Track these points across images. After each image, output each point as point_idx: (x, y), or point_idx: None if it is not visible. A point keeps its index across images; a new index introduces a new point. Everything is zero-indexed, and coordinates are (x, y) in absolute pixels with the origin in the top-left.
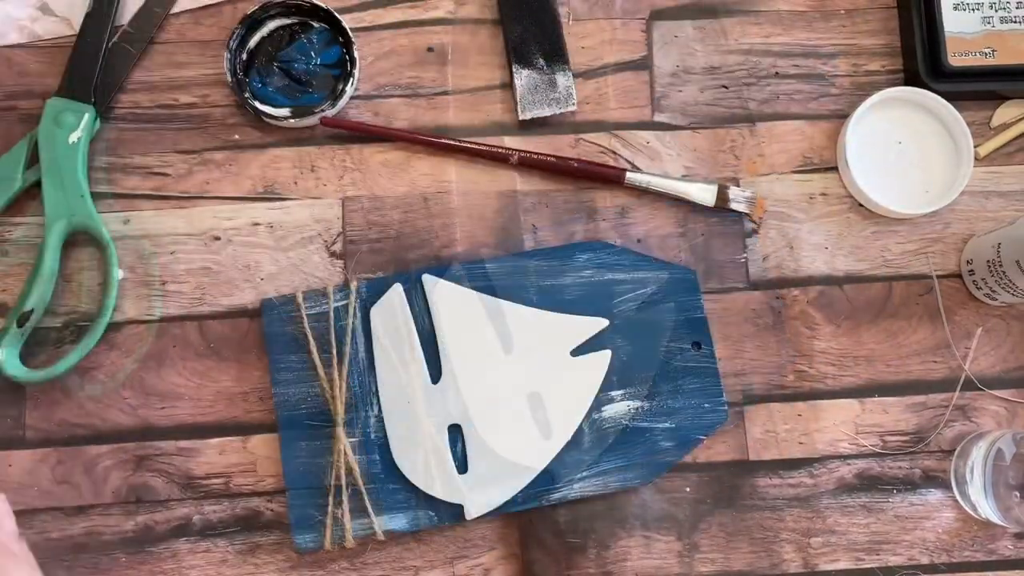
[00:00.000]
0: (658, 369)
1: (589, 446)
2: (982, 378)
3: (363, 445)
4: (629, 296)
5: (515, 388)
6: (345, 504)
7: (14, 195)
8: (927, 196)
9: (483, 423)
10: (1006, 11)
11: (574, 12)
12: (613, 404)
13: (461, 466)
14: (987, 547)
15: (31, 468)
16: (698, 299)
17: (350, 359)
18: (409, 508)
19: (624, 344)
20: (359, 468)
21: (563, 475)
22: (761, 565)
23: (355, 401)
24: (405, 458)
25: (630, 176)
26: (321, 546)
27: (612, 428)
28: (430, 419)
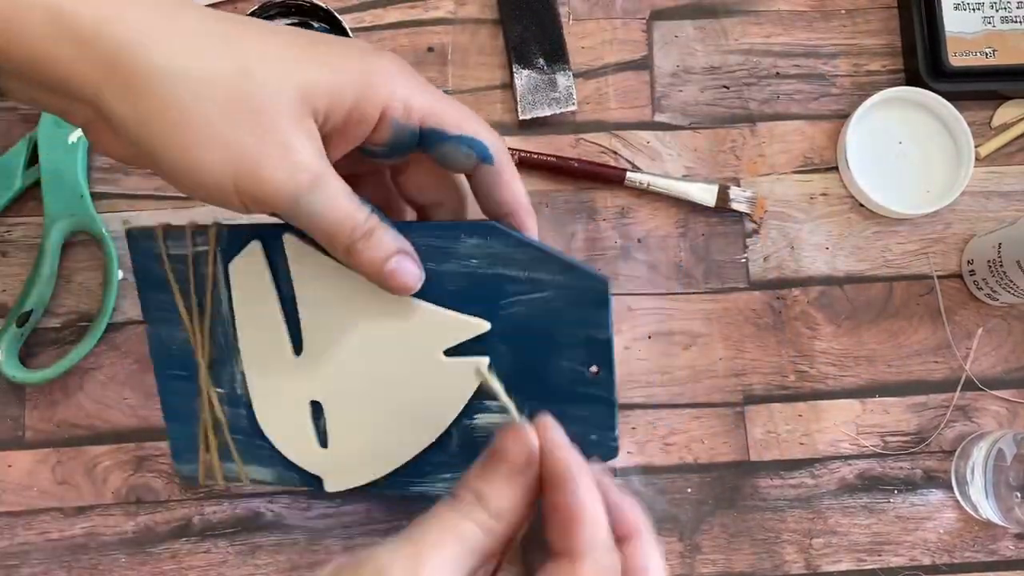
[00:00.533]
0: (544, 390)
1: (456, 451)
2: (983, 378)
3: (230, 397)
4: (522, 299)
5: (380, 378)
6: (213, 449)
7: (14, 195)
8: (928, 196)
9: (345, 406)
10: (1007, 11)
11: (574, 12)
12: (488, 414)
13: (323, 441)
14: (988, 548)
15: (31, 469)
16: (605, 315)
17: (213, 310)
18: (275, 465)
19: (507, 352)
20: (226, 419)
21: (427, 472)
22: (763, 566)
23: (220, 355)
24: (268, 421)
25: (630, 176)
26: (197, 480)
27: (483, 437)
28: (292, 390)
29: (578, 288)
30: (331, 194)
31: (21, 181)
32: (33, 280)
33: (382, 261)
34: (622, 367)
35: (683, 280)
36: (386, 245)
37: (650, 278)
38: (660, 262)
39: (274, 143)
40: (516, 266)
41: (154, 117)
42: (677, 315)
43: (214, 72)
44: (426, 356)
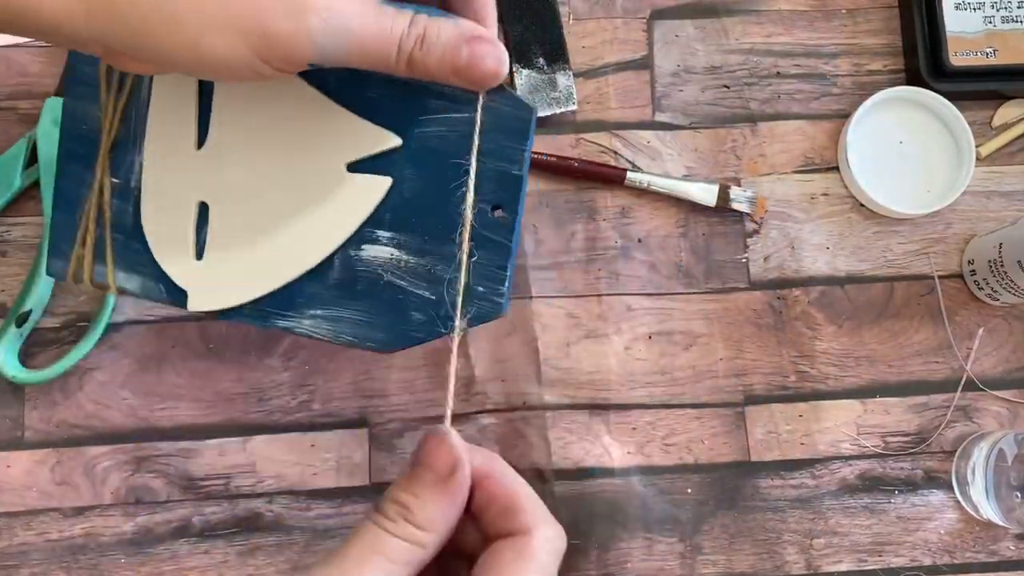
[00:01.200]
0: (441, 224)
1: (334, 283)
2: (984, 379)
3: (122, 190)
4: (439, 118)
5: (273, 183)
6: (89, 246)
7: (13, 195)
8: (928, 196)
9: (232, 213)
10: (1007, 10)
11: (575, 11)
12: (376, 245)
13: (199, 252)
14: (989, 548)
15: (30, 469)
16: (522, 149)
17: (132, 91)
18: (144, 274)
19: (412, 177)
20: (111, 213)
21: (298, 304)
22: (764, 567)
23: (126, 140)
24: (151, 220)
25: (631, 176)
26: (65, 278)
27: (365, 272)
28: (183, 187)
29: (500, 112)
30: (354, 16)
31: (20, 181)
32: (33, 280)
33: (452, 58)
34: (623, 367)
35: (683, 280)
36: (448, 38)
37: (650, 278)
38: (660, 262)
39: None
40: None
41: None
42: (677, 315)
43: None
44: (329, 167)
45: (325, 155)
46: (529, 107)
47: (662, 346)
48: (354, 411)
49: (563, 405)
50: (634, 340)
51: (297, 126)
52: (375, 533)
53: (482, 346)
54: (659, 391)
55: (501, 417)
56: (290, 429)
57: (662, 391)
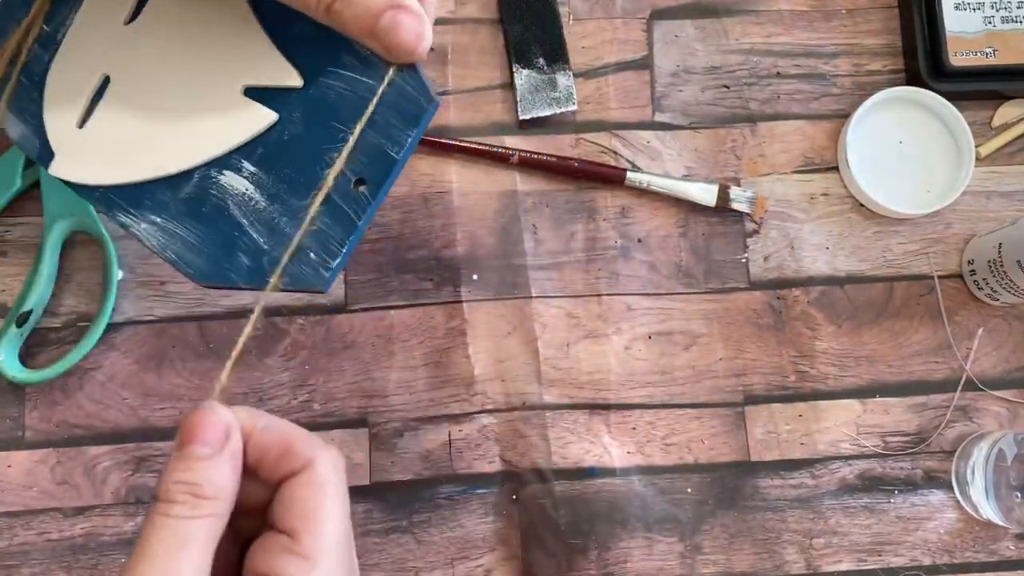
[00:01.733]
0: (303, 178)
1: (183, 198)
2: (983, 379)
3: (48, 39)
4: (346, 75)
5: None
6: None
7: (13, 195)
8: (928, 196)
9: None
10: (1007, 11)
11: (575, 12)
12: (235, 175)
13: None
14: (989, 548)
15: (30, 469)
16: (409, 133)
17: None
18: (28, 124)
19: (297, 123)
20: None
21: (144, 204)
22: (764, 567)
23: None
24: (55, 75)
25: (631, 176)
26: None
27: (215, 197)
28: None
29: (403, 91)
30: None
31: (21, 181)
32: (33, 280)
33: (371, 20)
34: (623, 367)
35: (683, 280)
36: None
37: (650, 278)
38: (660, 262)
39: None
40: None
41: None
42: (677, 315)
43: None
44: (227, 82)
45: (230, 71)
46: (431, 98)
47: (662, 346)
48: (354, 411)
49: (563, 405)
50: (634, 340)
51: (218, 34)
52: (171, 525)
53: (482, 346)
54: (659, 391)
55: (501, 417)
56: None
57: (662, 391)
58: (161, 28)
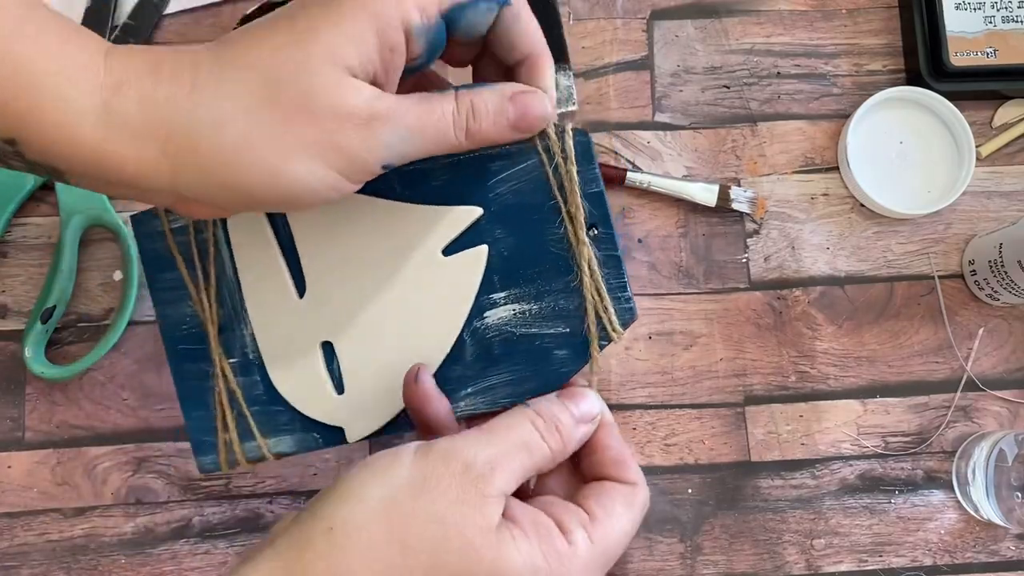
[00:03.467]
0: (547, 263)
1: (472, 359)
2: (984, 379)
3: (243, 366)
4: (506, 175)
5: (383, 297)
6: (231, 427)
7: (27, 194)
8: (929, 196)
9: (355, 339)
10: (1008, 10)
11: (575, 12)
12: (496, 309)
13: (338, 386)
14: (989, 548)
15: (31, 469)
16: (593, 169)
17: (217, 275)
18: (294, 431)
19: (504, 236)
20: (241, 391)
21: (447, 391)
22: (764, 567)
23: (229, 320)
24: (282, 379)
25: (631, 176)
26: (219, 467)
27: (497, 337)
28: (300, 337)
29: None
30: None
31: (32, 182)
32: (54, 276)
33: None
34: (623, 367)
35: (684, 280)
36: (493, 103)
37: (651, 278)
38: (661, 262)
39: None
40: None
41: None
42: (677, 315)
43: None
44: (427, 260)
45: (420, 251)
46: (582, 131)
47: (662, 346)
48: None
49: None
50: (634, 340)
51: (384, 238)
52: (529, 432)
53: None
54: (659, 391)
55: None
56: None
57: (662, 391)
58: (333, 277)
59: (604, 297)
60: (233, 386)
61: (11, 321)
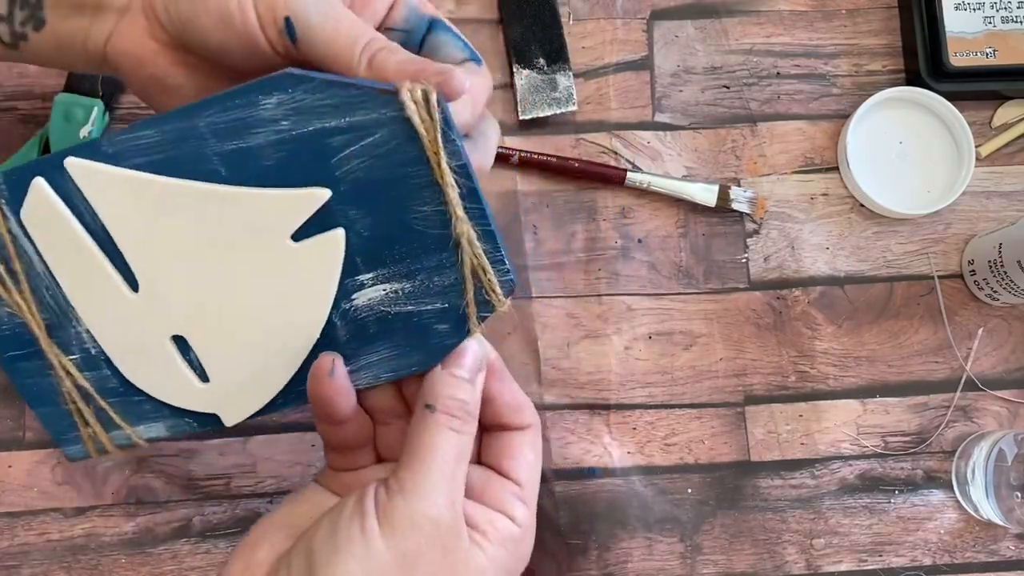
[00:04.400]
0: (414, 242)
1: (347, 339)
2: (983, 378)
3: (86, 361)
4: (353, 150)
5: (232, 289)
6: (92, 420)
7: None
8: (928, 196)
9: (209, 331)
10: (1007, 11)
11: (575, 12)
12: (364, 290)
13: (202, 376)
14: (989, 548)
15: (31, 469)
16: (455, 140)
17: (26, 272)
18: (163, 417)
19: (361, 216)
20: (91, 385)
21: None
22: (764, 567)
23: (57, 319)
24: (136, 373)
25: (631, 176)
26: (89, 455)
27: (370, 317)
28: (145, 333)
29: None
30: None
31: None
32: None
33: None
34: (623, 367)
35: (683, 280)
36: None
37: (650, 278)
38: (660, 262)
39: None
40: (331, 114)
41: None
42: (677, 315)
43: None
44: (274, 248)
45: (263, 239)
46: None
47: (662, 346)
48: None
49: (563, 405)
50: (634, 340)
51: (217, 227)
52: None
53: None
54: (659, 391)
55: None
56: (290, 429)
57: (662, 391)
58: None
59: (488, 271)
60: (81, 382)
61: None
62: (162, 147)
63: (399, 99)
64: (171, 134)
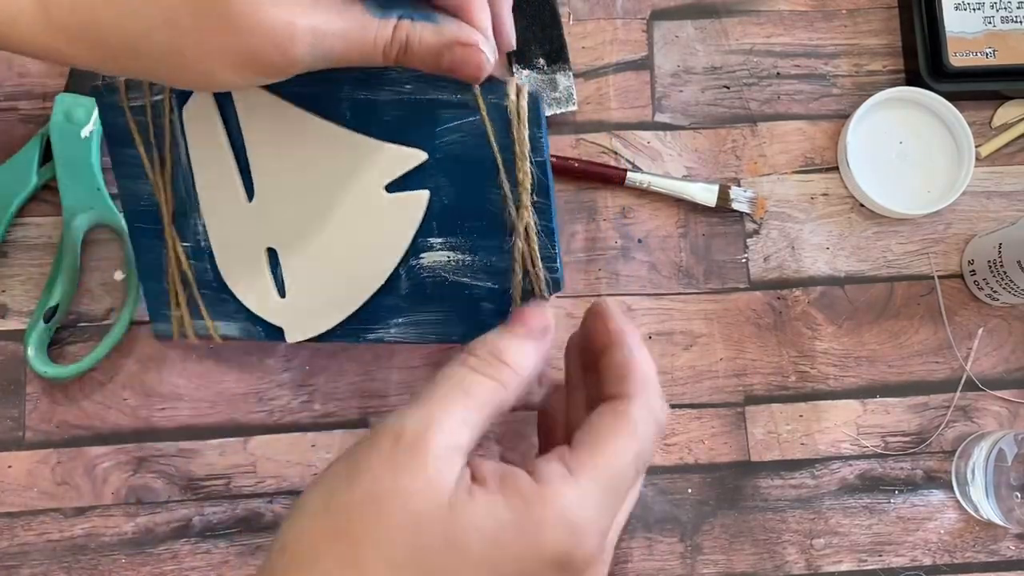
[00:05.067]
0: (484, 220)
1: (406, 292)
2: (983, 379)
3: (195, 251)
4: (454, 125)
5: (326, 219)
6: (183, 305)
7: (30, 193)
8: (928, 196)
9: (297, 252)
10: (1007, 11)
11: (575, 12)
12: (432, 252)
13: (281, 290)
14: (989, 548)
15: (31, 469)
16: (540, 133)
17: (173, 161)
18: (240, 319)
19: (447, 185)
20: (193, 273)
21: (380, 317)
22: (764, 567)
23: (183, 206)
24: (230, 273)
25: (631, 176)
26: (171, 335)
27: (430, 278)
28: (247, 238)
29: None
30: (336, 35)
31: (36, 178)
32: (56, 275)
33: (434, 63)
34: None
35: (683, 280)
36: (428, 46)
37: (650, 278)
38: (660, 262)
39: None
40: (447, 89)
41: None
42: (677, 315)
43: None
44: (369, 193)
45: (363, 183)
46: (533, 94)
47: (662, 346)
48: (354, 411)
49: None
50: None
51: (329, 162)
52: (462, 373)
53: None
54: None
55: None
56: (290, 429)
57: (662, 391)
58: (279, 188)
59: (537, 264)
60: (185, 268)
61: (11, 321)
62: (310, 82)
63: (504, 90)
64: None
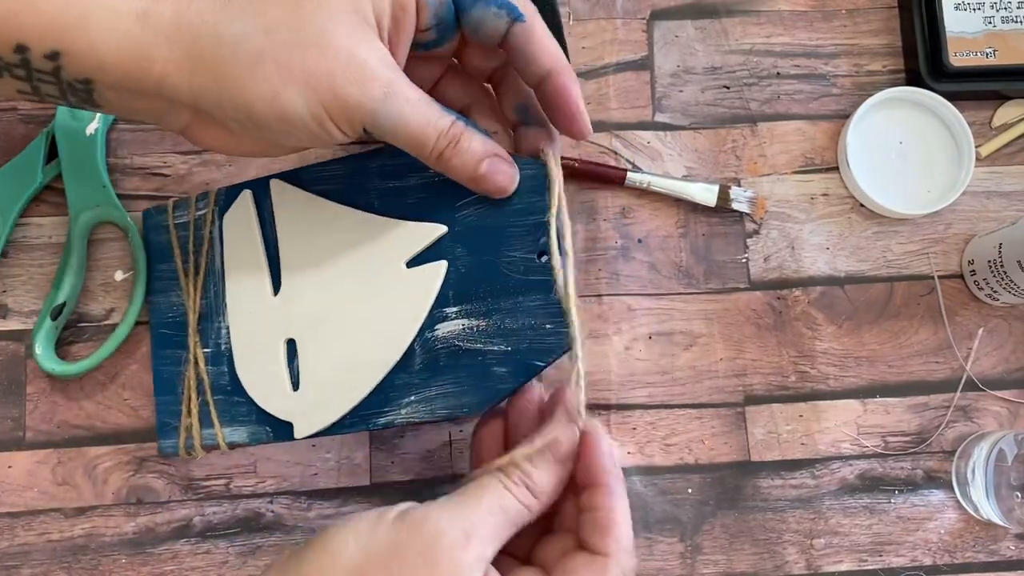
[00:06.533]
0: (498, 283)
1: (419, 368)
2: (983, 379)
3: (214, 356)
4: (472, 198)
5: (348, 302)
6: (194, 413)
7: (35, 191)
8: (928, 196)
9: (316, 339)
10: (1007, 11)
11: (575, 12)
12: (447, 322)
13: (295, 383)
14: (989, 548)
15: (31, 469)
16: (543, 199)
17: (207, 268)
18: (249, 422)
19: (464, 254)
20: (209, 379)
21: (392, 398)
22: (764, 567)
23: (210, 311)
24: (246, 371)
25: (631, 176)
26: (177, 452)
27: (444, 349)
28: (269, 332)
29: (520, 176)
30: (407, 100)
31: (42, 176)
32: (63, 272)
33: (473, 166)
34: (623, 367)
35: (684, 280)
36: (475, 150)
37: (651, 278)
38: (661, 262)
39: (342, 61)
40: None
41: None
42: (677, 315)
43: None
44: (390, 270)
45: (386, 262)
46: (539, 163)
47: (662, 346)
48: None
49: None
50: (634, 340)
51: (354, 246)
52: (500, 492)
53: None
54: (659, 391)
55: None
56: None
57: (662, 391)
58: (306, 278)
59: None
60: (203, 373)
61: (12, 321)
62: (339, 179)
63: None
64: (349, 169)
